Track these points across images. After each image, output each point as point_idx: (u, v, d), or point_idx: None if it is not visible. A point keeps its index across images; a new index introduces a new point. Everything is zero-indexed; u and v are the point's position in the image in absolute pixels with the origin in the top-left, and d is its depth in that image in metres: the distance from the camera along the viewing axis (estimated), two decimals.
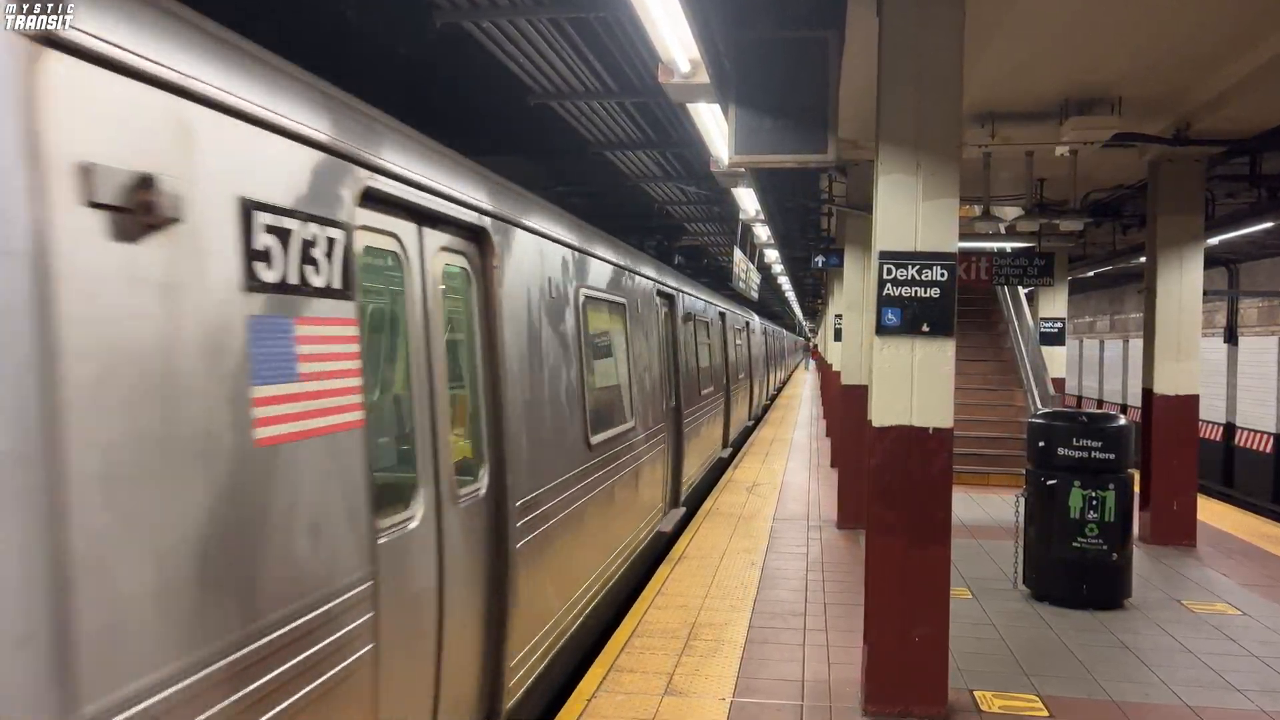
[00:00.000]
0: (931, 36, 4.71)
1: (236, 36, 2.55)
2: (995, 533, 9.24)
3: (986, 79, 6.81)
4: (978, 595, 7.15)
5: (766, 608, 6.75)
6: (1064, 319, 17.12)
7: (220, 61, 2.39)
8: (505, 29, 6.23)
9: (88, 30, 1.94)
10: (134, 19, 2.12)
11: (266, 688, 2.45)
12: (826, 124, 5.28)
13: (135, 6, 2.14)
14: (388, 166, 3.30)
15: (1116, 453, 6.91)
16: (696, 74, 5.33)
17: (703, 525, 9.64)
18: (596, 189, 12.08)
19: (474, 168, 4.39)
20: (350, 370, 2.91)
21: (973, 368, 14.82)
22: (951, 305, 4.79)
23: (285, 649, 2.54)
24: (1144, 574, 7.70)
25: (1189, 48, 6.28)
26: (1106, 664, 5.72)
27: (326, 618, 2.74)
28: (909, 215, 4.80)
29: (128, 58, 2.05)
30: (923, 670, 4.83)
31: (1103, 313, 30.21)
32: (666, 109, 8.37)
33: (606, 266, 6.98)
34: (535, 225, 5.18)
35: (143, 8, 2.17)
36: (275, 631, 2.50)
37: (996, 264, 12.76)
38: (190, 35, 2.31)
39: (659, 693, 5.13)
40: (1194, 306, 8.94)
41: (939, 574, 4.83)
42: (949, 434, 4.82)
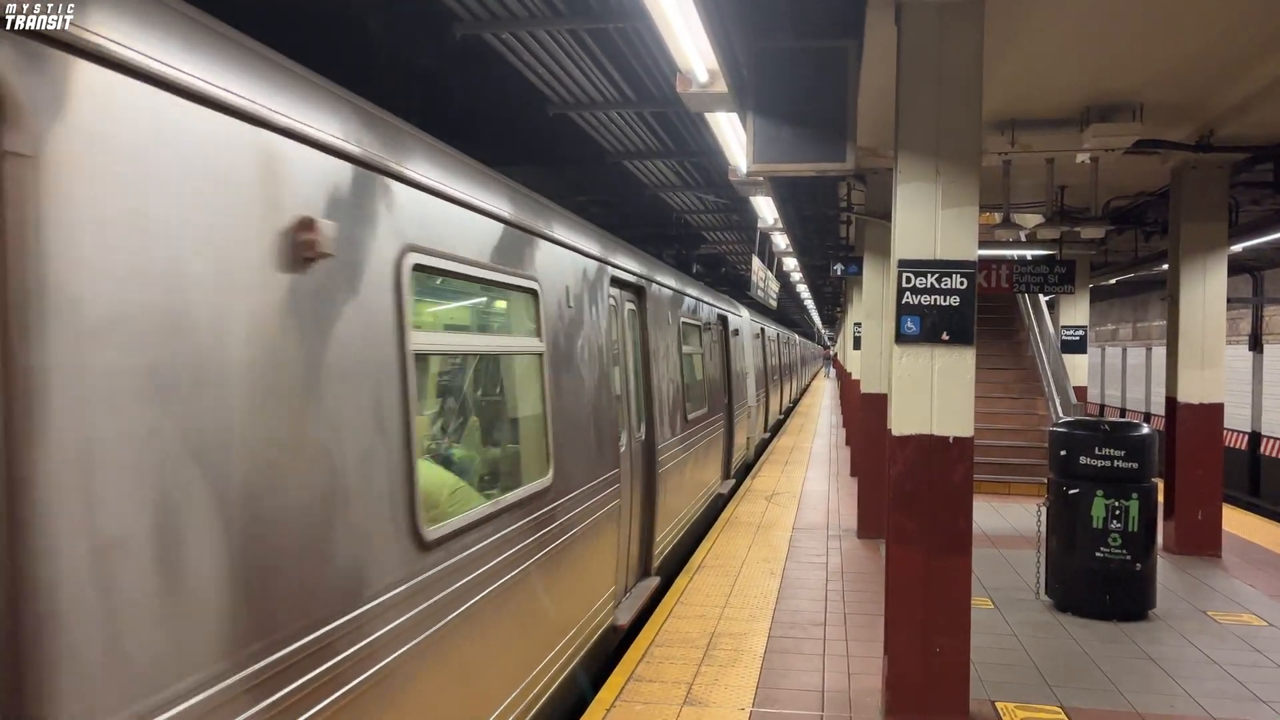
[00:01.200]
0: (951, 45, 4.71)
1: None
2: (1017, 542, 9.17)
3: (1007, 86, 6.78)
4: (1000, 605, 7.10)
5: (786, 617, 6.72)
6: (1086, 327, 17.00)
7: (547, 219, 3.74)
8: (524, 40, 6.28)
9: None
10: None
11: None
12: (845, 132, 5.27)
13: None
14: (617, 262, 6.56)
15: (1140, 462, 6.84)
16: (715, 83, 5.34)
17: (722, 534, 9.62)
18: (615, 198, 12.11)
19: (635, 250, 7.54)
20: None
21: (993, 376, 14.72)
22: (971, 313, 4.77)
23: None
24: (1169, 584, 7.62)
25: (1213, 54, 6.23)
26: (1130, 675, 5.66)
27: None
28: (928, 223, 4.79)
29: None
30: (944, 681, 4.79)
31: (1125, 320, 29.95)
32: (685, 118, 8.40)
33: (692, 300, 10.23)
34: (662, 280, 8.32)
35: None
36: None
37: (1017, 272, 12.67)
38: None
39: (679, 702, 5.12)
40: (1218, 314, 8.86)
41: (960, 584, 4.80)
42: (970, 443, 4.79)
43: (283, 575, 2.44)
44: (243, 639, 2.27)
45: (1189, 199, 8.85)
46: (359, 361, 2.86)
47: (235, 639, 2.24)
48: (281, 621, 2.42)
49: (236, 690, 2.23)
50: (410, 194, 3.24)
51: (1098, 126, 7.25)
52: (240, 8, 3.22)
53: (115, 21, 1.97)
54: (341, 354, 2.77)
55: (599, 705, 5.06)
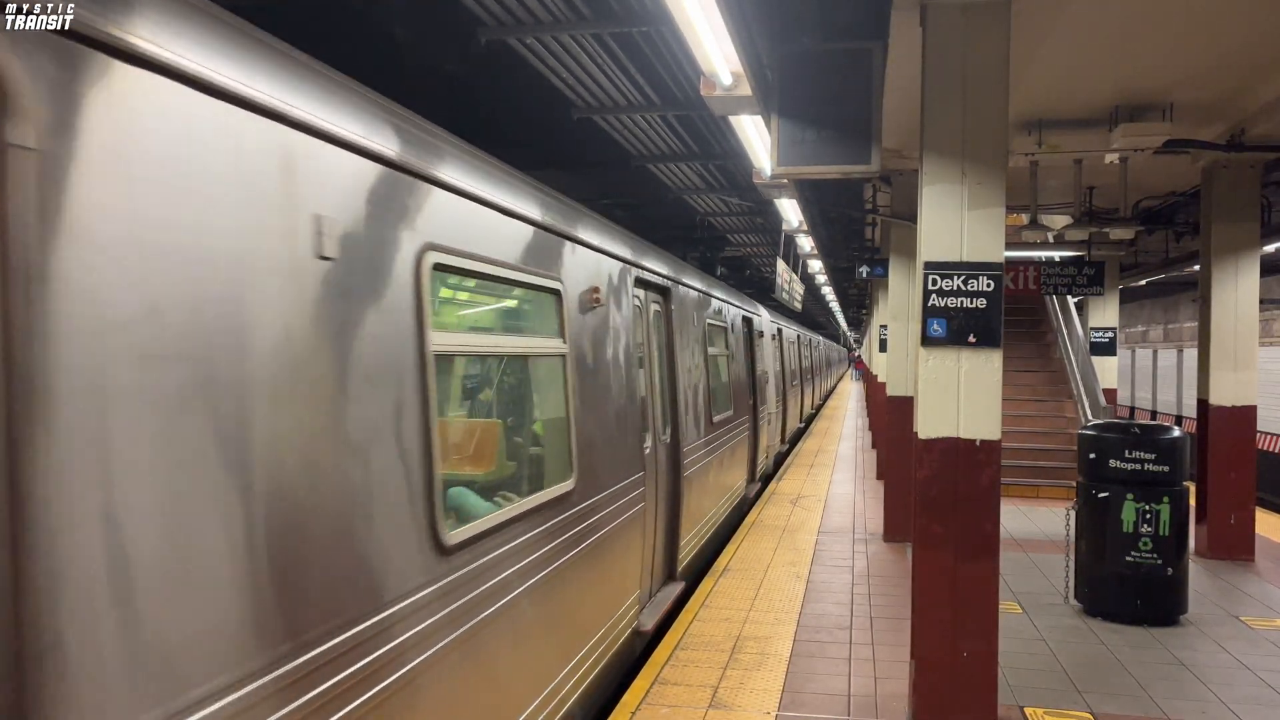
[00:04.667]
0: (976, 45, 4.68)
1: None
2: (1045, 546, 9.09)
3: (1034, 86, 6.74)
4: (1028, 610, 7.04)
5: (812, 621, 6.70)
6: (1115, 328, 16.81)
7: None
8: (549, 45, 6.31)
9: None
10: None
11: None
12: (870, 135, 5.26)
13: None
14: (642, 263, 6.66)
15: (1171, 465, 6.76)
16: (739, 86, 5.34)
17: (747, 537, 9.60)
18: (639, 201, 12.14)
19: (661, 252, 7.69)
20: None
21: (1021, 378, 14.60)
22: (998, 316, 4.74)
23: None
24: (1201, 589, 7.52)
25: (1244, 53, 6.16)
26: (1162, 681, 5.59)
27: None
28: (954, 225, 4.76)
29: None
30: (972, 686, 4.76)
31: (1156, 322, 29.59)
32: (709, 121, 8.40)
33: (718, 302, 10.31)
34: (688, 281, 8.50)
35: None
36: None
37: (1045, 273, 12.58)
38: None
39: (704, 705, 5.12)
40: (1250, 315, 8.74)
41: (988, 588, 4.76)
42: (997, 446, 4.76)
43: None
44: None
45: (1220, 199, 8.74)
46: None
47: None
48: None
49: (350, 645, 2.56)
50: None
51: (1127, 126, 7.19)
52: (271, 16, 3.27)
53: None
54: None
55: (624, 709, 5.07)
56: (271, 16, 3.30)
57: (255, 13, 2.80)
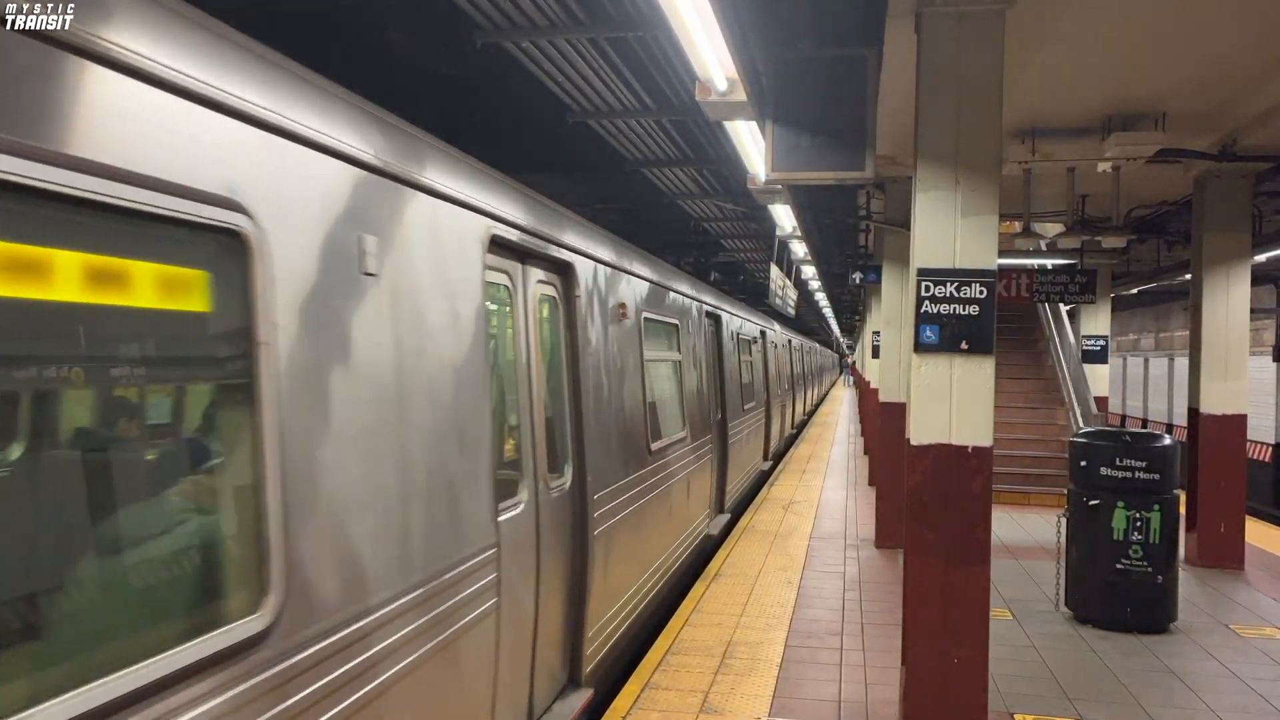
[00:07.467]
0: (971, 54, 4.70)
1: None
2: (1036, 553, 9.11)
3: (1028, 95, 6.76)
4: (1019, 617, 7.05)
5: (803, 627, 6.70)
6: (1107, 336, 16.86)
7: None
8: (545, 49, 6.31)
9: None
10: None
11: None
12: (865, 141, 5.27)
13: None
14: (706, 300, 9.76)
15: (1161, 473, 6.78)
16: (734, 92, 5.35)
17: (739, 543, 9.60)
18: (634, 205, 12.14)
19: (714, 289, 9.46)
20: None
21: (1013, 386, 14.62)
22: (991, 323, 4.75)
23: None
24: (1190, 597, 7.54)
25: (1236, 64, 6.19)
26: (1151, 689, 5.61)
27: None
28: (948, 232, 4.78)
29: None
30: (962, 692, 4.76)
31: (1147, 330, 29.70)
32: (704, 126, 8.41)
33: (741, 320, 12.49)
34: (730, 309, 10.85)
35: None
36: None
37: (1037, 281, 12.57)
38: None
39: (695, 710, 5.11)
40: (1241, 324, 8.77)
41: (979, 594, 4.77)
42: (989, 452, 4.77)
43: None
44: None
45: (1211, 208, 8.78)
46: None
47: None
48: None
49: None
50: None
51: (1120, 135, 7.22)
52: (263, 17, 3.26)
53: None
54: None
55: (614, 713, 5.06)
56: (264, 17, 3.29)
57: (237, 17, 2.79)
